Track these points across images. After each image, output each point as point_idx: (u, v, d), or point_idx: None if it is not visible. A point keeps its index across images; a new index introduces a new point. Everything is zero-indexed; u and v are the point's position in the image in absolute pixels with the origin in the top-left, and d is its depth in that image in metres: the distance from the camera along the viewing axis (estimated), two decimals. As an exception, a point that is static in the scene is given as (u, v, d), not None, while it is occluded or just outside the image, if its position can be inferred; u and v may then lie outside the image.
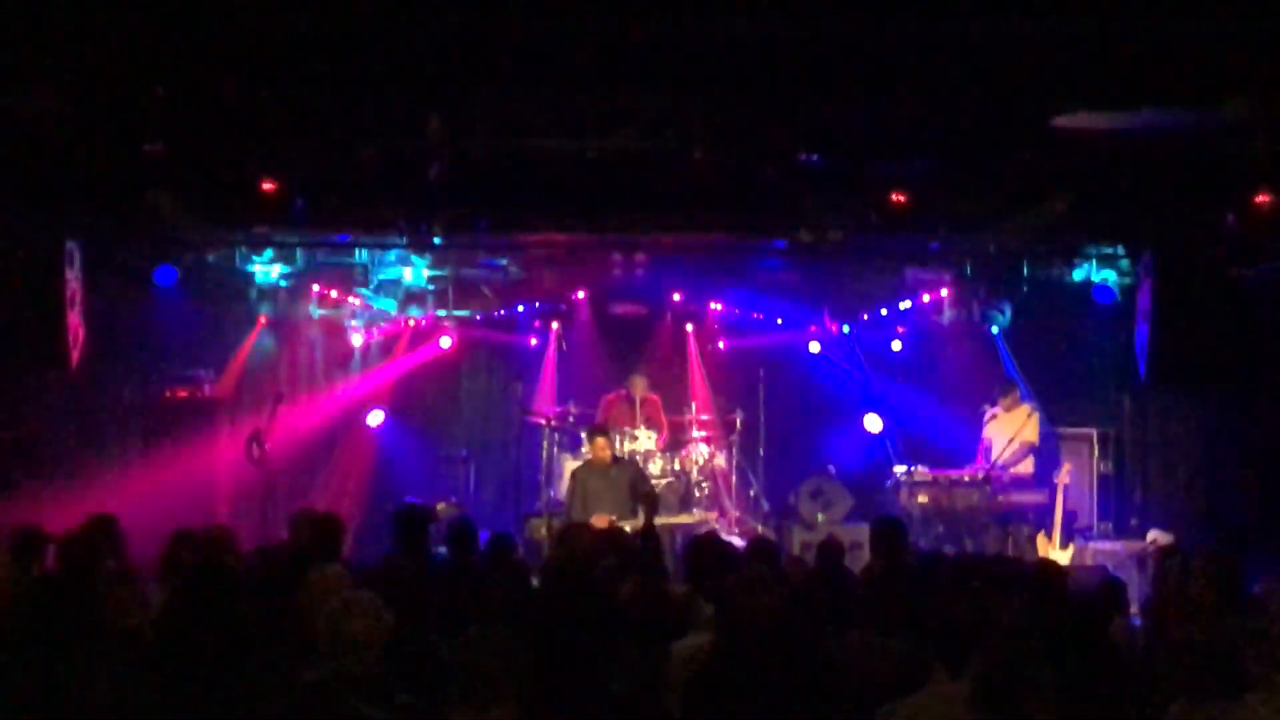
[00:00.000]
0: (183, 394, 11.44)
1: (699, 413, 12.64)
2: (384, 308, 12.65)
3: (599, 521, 9.84)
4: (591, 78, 7.93)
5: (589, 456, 10.84)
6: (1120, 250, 11.01)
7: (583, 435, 12.08)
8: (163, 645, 4.84)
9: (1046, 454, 11.62)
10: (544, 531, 10.91)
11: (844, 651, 5.18)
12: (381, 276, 12.49)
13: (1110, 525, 11.94)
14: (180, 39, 7.63)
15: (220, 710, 4.43)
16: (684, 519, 10.97)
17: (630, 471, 10.66)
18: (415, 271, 12.43)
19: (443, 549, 7.71)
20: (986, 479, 11.14)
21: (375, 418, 12.61)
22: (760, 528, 11.73)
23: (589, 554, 6.73)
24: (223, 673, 4.61)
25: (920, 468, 11.72)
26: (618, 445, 11.40)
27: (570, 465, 11.74)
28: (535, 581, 6.57)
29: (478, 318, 12.95)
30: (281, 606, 5.33)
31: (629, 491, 10.35)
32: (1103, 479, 12.11)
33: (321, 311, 12.50)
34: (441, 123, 8.59)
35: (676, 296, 12.90)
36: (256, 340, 12.28)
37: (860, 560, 8.00)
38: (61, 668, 4.60)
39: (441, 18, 7.40)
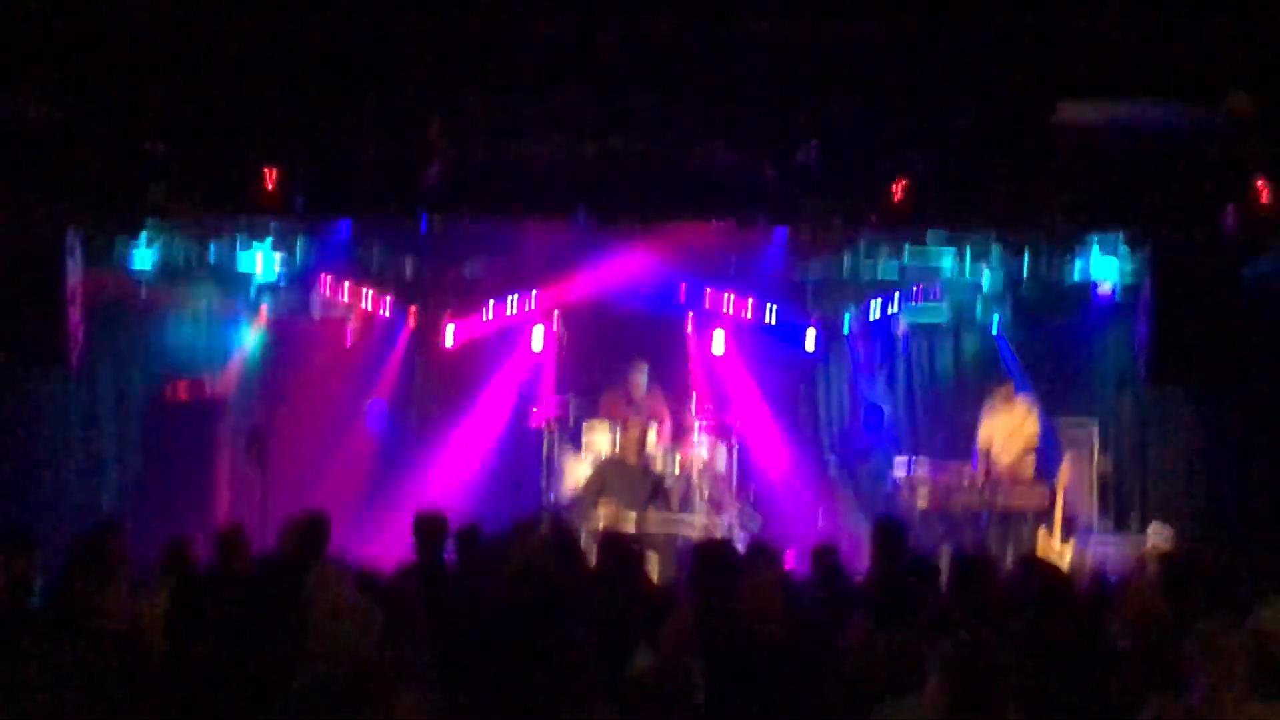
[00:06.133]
0: (183, 394, 11.43)
1: (699, 412, 12.62)
2: None
3: (605, 507, 9.94)
4: (590, 78, 7.93)
5: (613, 450, 10.87)
6: (1120, 247, 10.99)
7: (585, 429, 12.08)
8: (165, 647, 4.84)
9: (1047, 452, 11.59)
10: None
11: (841, 650, 5.18)
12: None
13: (1110, 524, 11.92)
14: (180, 38, 7.63)
15: (218, 712, 4.43)
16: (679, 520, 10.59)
17: (653, 480, 10.65)
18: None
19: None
20: (987, 478, 11.12)
21: (375, 412, 12.57)
22: (760, 529, 11.72)
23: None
24: (222, 675, 4.61)
25: (921, 468, 11.70)
26: (616, 442, 11.38)
27: (571, 464, 11.74)
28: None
29: (479, 316, 12.95)
30: (281, 608, 5.33)
31: (648, 494, 10.37)
32: (1103, 477, 12.08)
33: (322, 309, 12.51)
34: (441, 125, 8.60)
35: (677, 294, 12.89)
36: (256, 339, 12.27)
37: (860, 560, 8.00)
38: (61, 669, 4.60)
39: (441, 18, 7.41)
